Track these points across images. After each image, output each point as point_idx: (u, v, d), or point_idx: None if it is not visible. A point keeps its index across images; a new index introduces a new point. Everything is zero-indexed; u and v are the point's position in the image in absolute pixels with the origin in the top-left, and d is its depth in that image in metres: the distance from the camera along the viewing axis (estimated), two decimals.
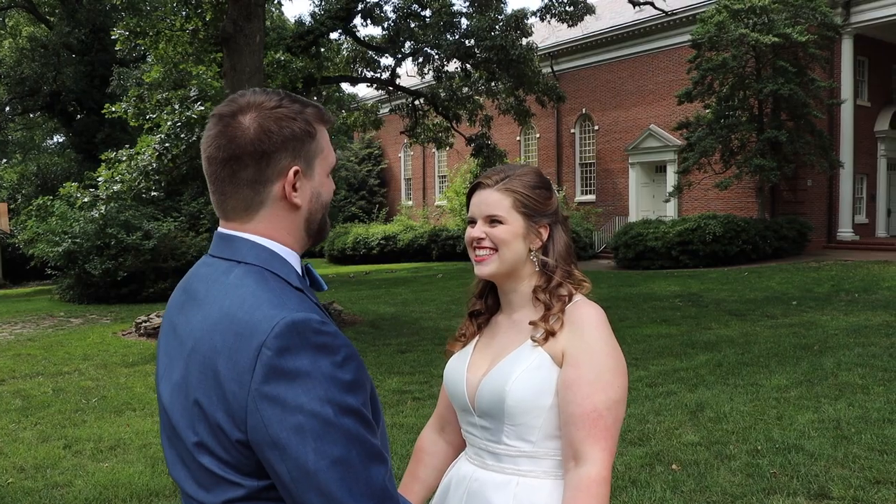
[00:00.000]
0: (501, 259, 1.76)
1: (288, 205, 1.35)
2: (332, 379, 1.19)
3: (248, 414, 1.18)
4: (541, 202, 1.78)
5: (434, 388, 7.49)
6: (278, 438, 1.16)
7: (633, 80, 27.98)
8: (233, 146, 1.31)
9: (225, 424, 1.21)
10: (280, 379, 1.17)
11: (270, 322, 1.19)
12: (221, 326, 1.24)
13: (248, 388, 1.18)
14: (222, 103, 1.40)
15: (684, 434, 5.52)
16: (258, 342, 1.18)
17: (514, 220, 1.75)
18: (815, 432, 5.38)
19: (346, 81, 25.34)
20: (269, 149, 1.31)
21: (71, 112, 30.01)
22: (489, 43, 20.73)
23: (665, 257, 21.02)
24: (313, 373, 1.18)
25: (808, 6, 20.22)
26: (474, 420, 1.78)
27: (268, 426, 1.16)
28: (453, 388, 1.84)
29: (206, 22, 14.13)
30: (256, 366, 1.17)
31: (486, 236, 1.77)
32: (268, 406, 1.16)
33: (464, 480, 1.79)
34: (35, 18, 28.91)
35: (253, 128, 1.31)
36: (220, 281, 1.30)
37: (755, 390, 6.75)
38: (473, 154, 23.03)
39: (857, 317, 10.86)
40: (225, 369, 1.21)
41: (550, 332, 1.70)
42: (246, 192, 1.33)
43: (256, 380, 1.17)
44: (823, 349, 8.52)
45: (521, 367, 1.70)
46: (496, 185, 1.77)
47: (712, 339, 9.68)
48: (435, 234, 30.26)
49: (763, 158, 20.45)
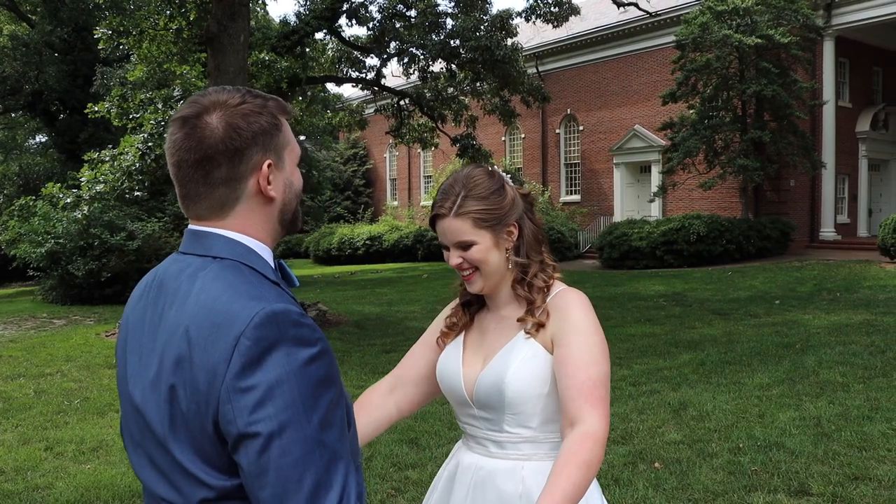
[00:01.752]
0: (485, 275, 1.82)
1: (263, 198, 1.35)
2: (306, 373, 1.17)
3: (221, 404, 1.16)
4: (498, 207, 1.80)
5: None
6: (247, 430, 1.14)
7: (617, 81, 28.09)
8: (203, 147, 1.29)
9: (199, 417, 1.19)
10: (256, 370, 1.15)
11: (250, 312, 1.18)
12: (199, 319, 1.22)
13: (223, 379, 1.16)
14: (183, 106, 1.37)
15: (667, 433, 5.55)
16: (237, 332, 1.17)
17: (481, 237, 1.78)
18: (796, 430, 5.43)
19: (332, 82, 25.27)
20: (240, 145, 1.30)
21: (53, 112, 29.75)
22: (474, 43, 20.75)
23: (650, 257, 21.11)
24: (289, 365, 1.16)
25: (790, 8, 20.38)
26: (474, 412, 1.84)
27: (238, 417, 1.15)
28: (449, 385, 1.88)
29: (191, 21, 14.08)
30: (233, 356, 1.16)
31: (462, 260, 1.80)
32: (241, 397, 1.15)
33: (469, 469, 1.84)
34: (16, 17, 28.69)
35: (221, 126, 1.30)
36: (197, 276, 1.28)
37: (737, 389, 6.80)
38: (459, 154, 23.03)
39: (839, 315, 10.96)
40: (200, 360, 1.19)
41: (540, 325, 1.76)
42: (221, 191, 1.32)
43: (233, 370, 1.15)
44: (805, 348, 8.59)
45: (517, 359, 1.75)
46: (451, 213, 1.78)
47: (696, 338, 9.74)
48: (420, 234, 30.25)
49: (747, 159, 20.59)
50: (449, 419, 5.98)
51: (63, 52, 27.37)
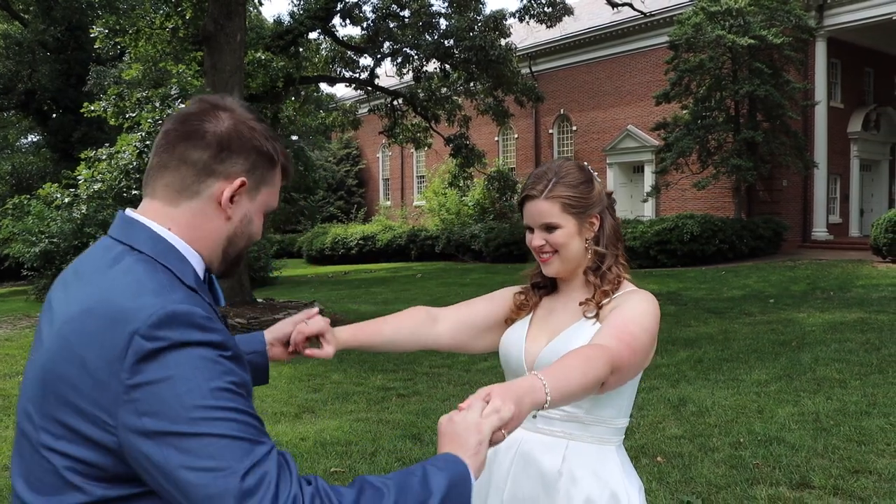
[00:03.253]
0: (563, 259, 1.91)
1: (219, 211, 1.32)
2: (208, 361, 1.14)
3: (119, 406, 1.11)
4: (586, 197, 1.89)
5: (418, 385, 7.53)
6: (145, 428, 1.09)
7: (610, 81, 28.19)
8: (200, 125, 1.30)
9: (85, 417, 1.14)
10: (149, 367, 1.11)
11: (149, 310, 1.13)
12: (98, 310, 1.17)
13: (118, 378, 1.11)
14: (207, 96, 1.38)
15: (668, 428, 5.60)
16: (132, 329, 1.12)
17: (567, 221, 1.88)
18: (795, 425, 5.49)
19: (325, 81, 25.26)
20: (232, 146, 1.30)
21: (46, 111, 29.64)
22: (468, 43, 20.78)
23: (643, 257, 21.17)
24: (188, 359, 1.12)
25: (782, 9, 20.51)
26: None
27: (136, 416, 1.10)
28: (510, 356, 1.96)
29: (187, 20, 14.07)
30: (128, 353, 1.11)
31: (545, 242, 1.89)
32: (138, 394, 1.10)
33: (514, 443, 1.89)
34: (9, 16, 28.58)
35: (227, 124, 1.31)
36: (109, 265, 1.24)
37: (736, 385, 6.86)
38: (452, 154, 23.04)
39: (833, 314, 11.04)
40: (93, 356, 1.13)
41: (599, 307, 1.85)
42: (187, 174, 1.29)
43: (126, 368, 1.11)
44: (801, 345, 8.66)
45: (580, 339, 1.81)
46: (542, 195, 1.88)
47: (692, 336, 9.80)
48: (414, 234, 30.30)
49: (740, 159, 20.70)
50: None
51: (56, 51, 27.28)
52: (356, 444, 5.48)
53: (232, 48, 13.05)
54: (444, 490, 1.22)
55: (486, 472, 1.90)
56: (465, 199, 29.83)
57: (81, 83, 29.04)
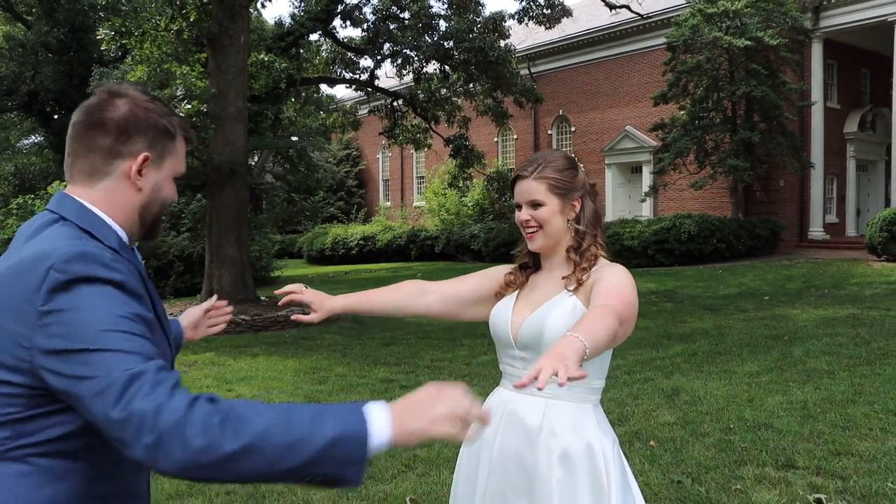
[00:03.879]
0: (546, 234, 2.18)
1: (130, 185, 1.53)
2: (111, 295, 1.34)
3: (34, 331, 1.31)
4: (570, 181, 2.17)
5: (420, 377, 7.75)
6: (53, 348, 1.29)
7: (609, 82, 28.41)
8: (101, 115, 1.51)
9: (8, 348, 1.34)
10: (62, 295, 1.31)
11: (63, 250, 1.35)
12: (26, 258, 1.38)
13: (34, 306, 1.31)
14: (107, 86, 1.61)
15: (661, 415, 5.82)
16: (48, 265, 1.33)
17: (551, 201, 2.16)
18: (783, 412, 5.70)
19: (326, 83, 25.45)
20: (130, 129, 1.51)
21: (48, 112, 29.85)
22: (468, 45, 20.95)
23: (641, 256, 21.38)
24: (93, 292, 1.32)
25: (779, 11, 20.74)
26: (514, 353, 2.17)
27: (47, 339, 1.30)
28: (498, 327, 2.22)
29: (191, 22, 14.29)
30: (43, 284, 1.31)
31: (531, 218, 2.15)
32: (49, 319, 1.30)
33: (502, 403, 2.17)
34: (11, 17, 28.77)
35: (123, 109, 1.52)
36: (40, 230, 1.47)
37: (728, 376, 7.08)
38: (452, 155, 23.22)
39: (826, 310, 11.26)
40: (17, 292, 1.34)
41: (579, 282, 2.10)
42: (96, 159, 1.51)
43: (41, 297, 1.31)
44: (793, 339, 8.88)
45: (558, 309, 2.09)
46: (531, 175, 2.17)
47: (687, 331, 10.02)
48: (414, 234, 30.49)
49: (737, 159, 20.92)
50: None
51: (59, 52, 27.45)
52: None
53: (236, 50, 13.27)
54: (326, 441, 1.25)
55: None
56: (464, 199, 30.03)
57: (84, 84, 29.18)
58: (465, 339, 9.79)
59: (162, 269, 20.96)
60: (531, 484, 2.08)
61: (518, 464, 2.10)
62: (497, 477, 2.14)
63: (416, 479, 4.65)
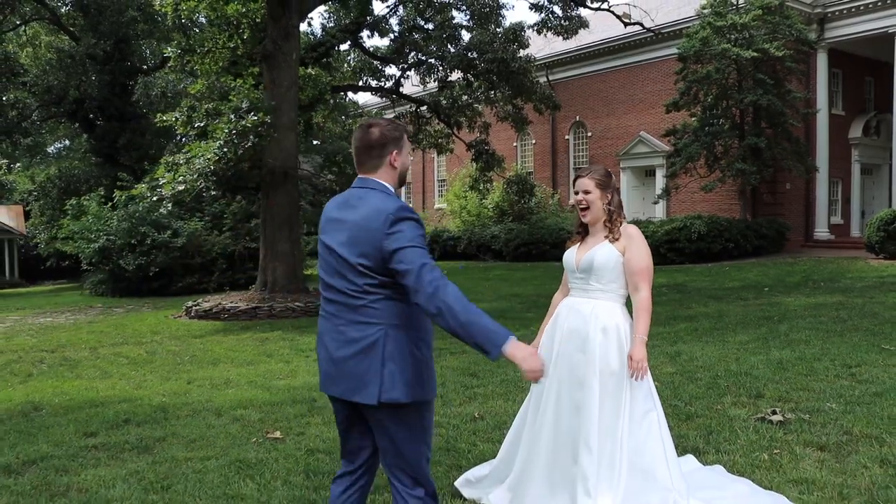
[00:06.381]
0: (592, 212, 3.78)
1: (391, 167, 2.97)
2: (420, 228, 2.80)
3: (382, 241, 2.74)
4: (606, 182, 3.75)
5: (466, 349, 9.20)
6: (392, 248, 2.71)
7: (624, 90, 29.68)
8: (370, 139, 2.96)
9: (372, 251, 2.77)
10: (395, 226, 2.74)
11: (393, 206, 2.80)
12: (373, 211, 2.81)
13: (382, 231, 2.74)
14: (368, 120, 3.12)
15: (663, 368, 7.27)
16: (387, 213, 2.77)
17: (595, 191, 3.74)
18: (762, 366, 7.14)
19: (354, 90, 26.70)
20: (384, 142, 2.96)
21: (91, 119, 31.56)
22: (491, 55, 22.15)
23: (654, 254, 22.11)
24: (409, 226, 2.76)
25: (784, 23, 22.01)
26: (577, 275, 3.78)
27: (393, 244, 2.72)
28: (569, 261, 3.85)
29: (244, 40, 15.83)
30: (386, 221, 2.75)
31: (584, 199, 3.74)
32: (391, 236, 2.73)
33: (568, 304, 3.80)
34: (57, 29, 30.48)
35: (377, 133, 2.97)
36: (368, 195, 2.90)
37: (722, 344, 8.51)
38: (474, 159, 24.37)
39: (817, 298, 12.63)
40: (374, 227, 2.76)
41: (614, 238, 3.67)
42: (375, 161, 2.96)
43: (386, 227, 2.74)
44: (782, 319, 10.28)
45: (602, 251, 3.69)
46: (586, 175, 3.76)
47: (692, 314, 11.44)
48: (437, 234, 31.86)
49: (744, 163, 22.20)
50: (501, 361, 7.69)
51: (103, 62, 29.11)
52: None
53: (288, 65, 14.81)
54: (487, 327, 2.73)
55: (554, 318, 3.69)
56: (484, 201, 31.29)
57: (125, 92, 30.91)
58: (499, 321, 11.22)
59: (206, 265, 22.49)
60: (584, 343, 3.67)
61: (577, 333, 3.69)
62: (565, 340, 3.74)
63: (479, 404, 6.15)
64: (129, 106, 30.87)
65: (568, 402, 3.71)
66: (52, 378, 8.50)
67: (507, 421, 5.02)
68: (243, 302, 14.52)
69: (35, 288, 35.02)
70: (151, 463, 4.96)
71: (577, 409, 3.66)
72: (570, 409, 3.70)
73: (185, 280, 22.06)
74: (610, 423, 3.63)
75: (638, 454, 3.64)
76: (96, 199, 23.92)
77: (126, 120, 30.37)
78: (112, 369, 8.89)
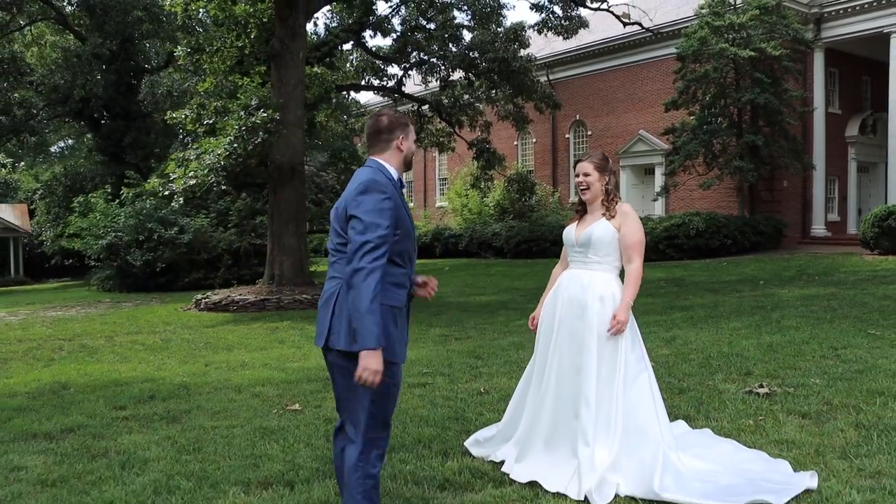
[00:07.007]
0: (591, 192, 4.19)
1: (398, 151, 3.33)
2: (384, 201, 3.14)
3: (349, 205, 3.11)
4: (605, 165, 4.14)
5: (469, 333, 9.60)
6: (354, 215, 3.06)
7: (623, 89, 30.03)
8: (379, 125, 3.34)
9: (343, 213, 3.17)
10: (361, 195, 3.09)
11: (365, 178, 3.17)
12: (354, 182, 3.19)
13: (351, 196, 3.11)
14: (376, 114, 3.47)
15: (659, 350, 7.65)
16: (360, 181, 3.15)
17: (594, 173, 4.16)
18: (753, 348, 7.51)
19: (356, 89, 27.02)
20: (392, 128, 3.33)
21: (97, 117, 31.94)
22: (492, 55, 22.47)
23: (653, 251, 22.96)
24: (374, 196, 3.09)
25: (781, 23, 22.35)
26: (576, 249, 4.18)
27: (351, 209, 3.08)
28: (568, 236, 4.24)
29: (252, 39, 16.20)
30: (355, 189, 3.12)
31: (584, 181, 4.14)
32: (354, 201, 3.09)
33: (569, 275, 4.20)
34: (62, 28, 30.85)
35: (387, 120, 3.36)
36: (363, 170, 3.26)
37: (716, 330, 8.88)
38: (475, 157, 24.66)
39: (810, 290, 13.01)
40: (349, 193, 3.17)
41: (611, 215, 4.06)
42: (384, 144, 3.32)
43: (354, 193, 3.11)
44: (775, 308, 10.66)
45: (599, 227, 4.08)
46: (586, 159, 4.15)
47: (688, 304, 11.82)
48: (438, 232, 32.19)
49: (742, 161, 22.54)
50: (504, 346, 8.06)
51: (108, 62, 29.48)
52: (435, 362, 7.56)
53: (295, 64, 15.19)
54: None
55: (555, 288, 4.08)
56: (486, 199, 31.62)
57: (131, 91, 31.29)
58: (501, 311, 11.64)
59: (212, 261, 22.83)
60: (583, 311, 4.07)
61: (577, 301, 4.08)
62: (565, 308, 4.14)
63: (484, 381, 6.52)
64: (134, 105, 31.25)
65: (569, 366, 4.10)
66: (73, 362, 8.87)
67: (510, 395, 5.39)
68: (252, 294, 14.90)
69: (40, 285, 35.38)
70: (181, 430, 5.34)
71: (578, 372, 4.05)
72: (571, 372, 4.09)
73: (192, 275, 22.39)
74: (606, 383, 4.01)
75: (631, 414, 4.02)
76: (103, 196, 24.29)
77: (131, 119, 30.74)
78: (130, 354, 9.27)
